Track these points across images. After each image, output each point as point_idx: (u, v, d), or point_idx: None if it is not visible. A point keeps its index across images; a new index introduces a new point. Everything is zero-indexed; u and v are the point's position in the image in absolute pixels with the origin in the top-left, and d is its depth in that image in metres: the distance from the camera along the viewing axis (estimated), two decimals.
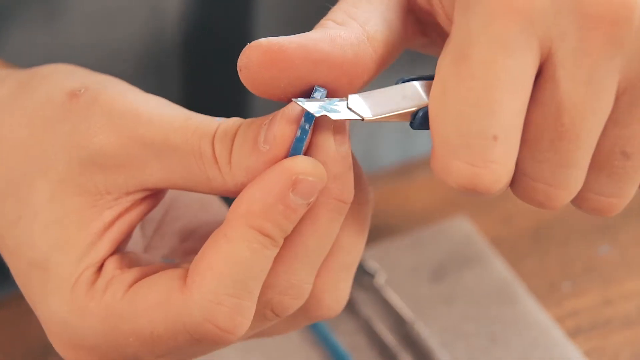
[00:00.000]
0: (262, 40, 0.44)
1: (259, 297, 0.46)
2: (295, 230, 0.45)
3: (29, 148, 0.48)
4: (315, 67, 0.44)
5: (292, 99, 0.44)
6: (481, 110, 0.42)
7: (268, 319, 0.47)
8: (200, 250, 0.45)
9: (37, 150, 0.47)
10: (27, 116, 0.48)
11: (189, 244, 0.52)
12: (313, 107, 0.44)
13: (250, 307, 0.45)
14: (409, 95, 0.45)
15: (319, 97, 0.44)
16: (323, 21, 0.46)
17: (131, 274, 0.47)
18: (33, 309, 0.49)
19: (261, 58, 0.44)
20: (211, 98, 0.71)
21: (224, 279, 0.44)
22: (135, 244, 0.51)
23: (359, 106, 0.44)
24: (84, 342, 0.47)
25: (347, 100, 0.44)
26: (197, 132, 0.46)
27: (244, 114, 0.72)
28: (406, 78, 0.45)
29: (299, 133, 0.44)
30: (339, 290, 0.48)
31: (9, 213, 0.48)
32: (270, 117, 0.45)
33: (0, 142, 0.48)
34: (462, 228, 0.72)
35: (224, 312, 0.44)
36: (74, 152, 0.47)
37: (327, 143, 0.45)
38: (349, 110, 0.44)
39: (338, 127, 0.45)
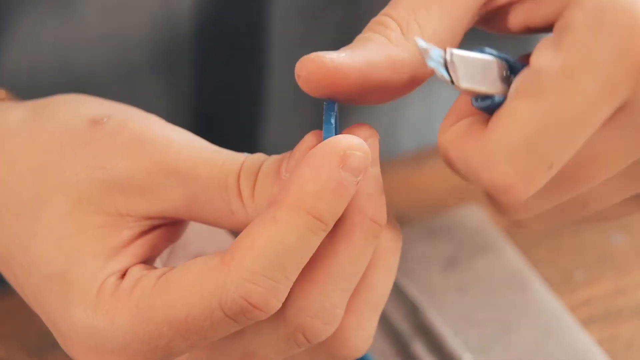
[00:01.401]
0: (326, 58, 0.44)
1: (291, 320, 0.46)
2: (329, 250, 0.45)
3: (45, 169, 0.47)
4: (371, 91, 0.44)
5: None
6: (559, 140, 0.42)
7: (298, 344, 0.46)
8: (244, 230, 0.44)
9: (54, 171, 0.47)
10: (44, 140, 0.48)
11: None
12: None
13: (284, 292, 0.44)
14: (497, 77, 0.43)
15: (333, 112, 0.44)
16: (387, 23, 0.45)
17: (160, 270, 0.46)
18: (50, 324, 0.48)
19: (320, 77, 0.44)
20: (223, 89, 0.71)
21: (265, 260, 0.43)
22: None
23: (458, 70, 0.42)
24: (112, 346, 0.46)
25: (447, 59, 0.42)
26: (224, 165, 0.46)
27: (256, 107, 0.72)
28: (496, 53, 0.44)
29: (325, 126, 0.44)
30: (365, 330, 0.47)
31: (22, 232, 0.47)
32: (293, 150, 0.45)
33: (15, 163, 0.48)
34: (475, 217, 0.72)
35: (259, 292, 0.43)
36: (96, 174, 0.46)
37: None
38: (444, 69, 0.42)
39: (370, 146, 0.45)
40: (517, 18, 0.47)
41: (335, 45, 0.71)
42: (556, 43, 0.42)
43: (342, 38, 0.70)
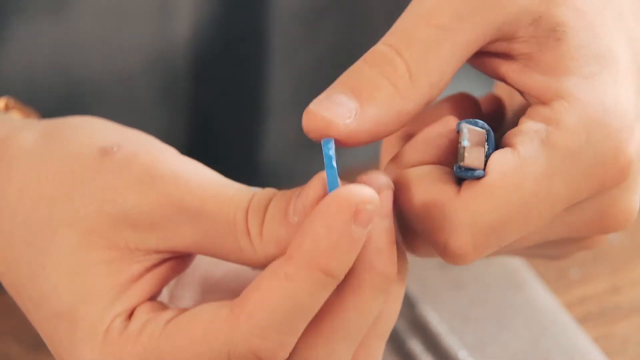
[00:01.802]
0: (340, 125, 0.44)
1: None
2: (337, 304, 0.45)
3: (55, 200, 0.47)
4: (372, 140, 0.45)
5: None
6: (520, 229, 0.44)
7: None
8: (253, 283, 0.44)
9: (64, 202, 0.47)
10: (55, 168, 0.48)
11: (211, 298, 0.51)
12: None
13: (292, 344, 0.45)
14: (483, 150, 0.45)
15: (332, 150, 0.44)
16: (396, 64, 0.45)
17: (167, 313, 0.46)
18: (57, 357, 0.48)
19: (328, 135, 0.44)
20: (221, 94, 0.71)
21: (276, 316, 0.43)
22: (161, 296, 0.50)
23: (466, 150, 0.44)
24: None
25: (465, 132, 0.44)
26: (233, 201, 0.46)
27: (254, 112, 0.72)
28: (486, 126, 0.45)
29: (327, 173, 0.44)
30: (374, 358, 0.48)
31: (32, 262, 0.47)
32: (300, 189, 0.45)
33: (26, 190, 0.48)
34: None
35: (269, 347, 0.44)
36: (106, 207, 0.46)
37: None
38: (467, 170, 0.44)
39: (383, 199, 0.44)
40: (499, 69, 0.47)
41: (333, 51, 0.71)
42: (545, 139, 0.44)
43: (339, 44, 0.70)
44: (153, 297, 0.48)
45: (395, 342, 0.64)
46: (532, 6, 0.46)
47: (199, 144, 0.70)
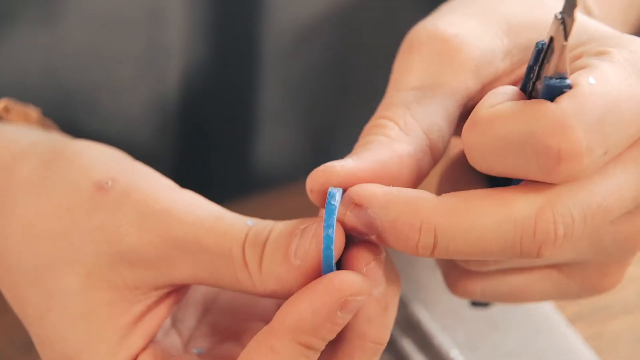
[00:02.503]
0: (335, 167, 0.44)
1: None
2: None
3: (55, 238, 0.48)
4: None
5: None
6: (623, 124, 0.43)
7: None
8: (244, 355, 0.45)
9: (64, 242, 0.48)
10: (53, 204, 0.49)
11: (211, 318, 0.52)
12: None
13: None
14: None
15: (337, 201, 0.44)
16: (384, 124, 0.46)
17: None
18: None
19: (328, 182, 0.44)
20: (213, 102, 0.71)
21: None
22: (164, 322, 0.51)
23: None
24: None
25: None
26: (228, 234, 0.46)
27: (247, 120, 0.72)
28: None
29: (323, 247, 0.44)
30: None
31: (37, 303, 0.48)
32: (302, 227, 0.45)
33: (27, 227, 0.49)
34: None
35: None
36: (102, 247, 0.47)
37: None
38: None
39: (372, 269, 0.45)
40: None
41: (324, 62, 0.71)
42: (617, 57, 0.44)
43: (330, 55, 0.70)
44: (156, 334, 0.49)
45: (388, 341, 0.64)
46: (495, 45, 0.48)
47: (191, 153, 0.70)
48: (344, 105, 0.74)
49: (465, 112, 0.48)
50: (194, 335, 0.51)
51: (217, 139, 0.72)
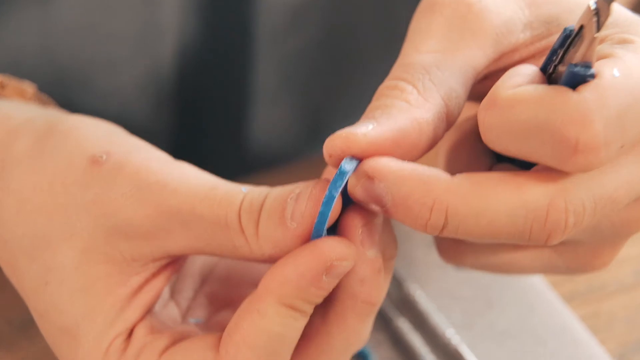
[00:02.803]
0: (357, 134, 0.43)
1: None
2: (323, 330, 0.46)
3: (51, 212, 0.48)
4: (398, 156, 0.44)
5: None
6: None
7: None
8: (232, 321, 0.45)
9: (60, 216, 0.48)
10: (48, 178, 0.49)
11: (208, 288, 0.52)
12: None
13: None
14: None
15: (351, 168, 0.44)
16: (402, 87, 0.45)
17: (162, 340, 0.47)
18: None
19: (353, 154, 0.44)
20: (207, 81, 0.71)
21: (259, 351, 0.45)
22: (163, 291, 0.51)
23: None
24: None
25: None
26: (223, 202, 0.46)
27: (241, 99, 0.71)
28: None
29: (324, 203, 0.44)
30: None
31: (35, 277, 0.48)
32: (297, 190, 0.45)
33: (23, 202, 0.49)
34: None
35: None
36: (99, 220, 0.47)
37: (355, 246, 0.45)
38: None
39: (367, 229, 0.45)
40: None
41: (319, 40, 0.71)
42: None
43: (325, 33, 0.70)
44: (153, 306, 0.49)
45: (383, 320, 0.64)
46: (517, 15, 0.47)
47: (186, 132, 0.70)
48: (338, 85, 0.74)
49: (480, 79, 0.48)
50: (192, 305, 0.52)
51: (211, 117, 0.72)
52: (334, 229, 0.46)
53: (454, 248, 0.52)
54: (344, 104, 0.76)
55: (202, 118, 0.72)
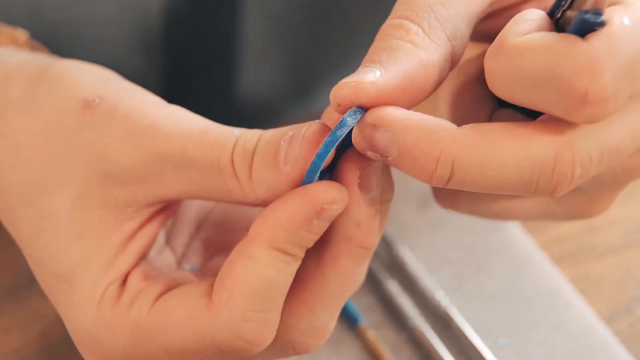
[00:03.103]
0: (366, 84, 0.43)
1: (281, 337, 0.47)
2: (317, 273, 0.46)
3: (45, 158, 0.48)
4: (407, 100, 0.44)
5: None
6: None
7: (288, 354, 0.48)
8: (224, 267, 0.45)
9: (54, 161, 0.48)
10: (42, 124, 0.48)
11: (203, 234, 0.52)
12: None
13: (276, 318, 0.46)
14: None
15: (357, 118, 0.43)
16: (407, 26, 0.44)
17: (156, 287, 0.47)
18: (59, 313, 0.49)
19: (362, 103, 0.43)
20: (196, 35, 0.70)
21: (251, 296, 0.44)
22: (159, 237, 0.51)
23: None
24: (114, 354, 0.47)
25: None
26: (215, 145, 0.46)
27: (230, 52, 0.71)
28: None
29: (321, 149, 0.43)
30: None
31: (30, 224, 0.48)
32: (290, 133, 0.45)
33: (18, 148, 0.49)
34: None
35: (253, 327, 0.45)
36: (92, 166, 0.47)
37: (353, 190, 0.45)
38: None
39: (365, 174, 0.45)
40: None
41: None
42: None
43: None
44: (146, 253, 0.49)
45: (373, 282, 0.64)
46: None
47: (174, 88, 0.70)
48: (326, 41, 0.74)
49: (483, 17, 0.47)
50: (187, 251, 0.52)
51: (200, 73, 0.72)
52: (330, 172, 0.46)
53: (452, 194, 0.52)
54: (332, 61, 0.75)
55: (191, 74, 0.71)
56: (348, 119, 0.43)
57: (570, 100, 0.40)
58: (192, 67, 0.71)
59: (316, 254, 0.47)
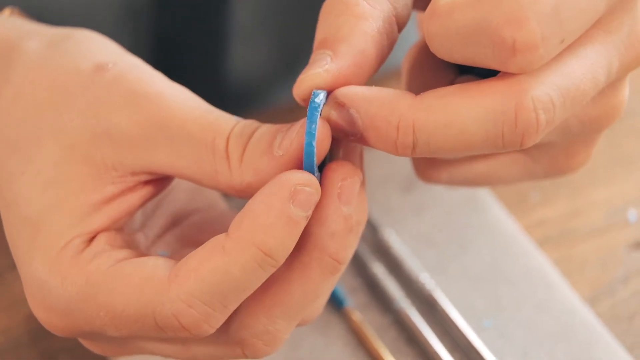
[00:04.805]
0: (325, 75, 0.44)
1: (233, 334, 0.46)
2: (284, 277, 0.46)
3: (45, 109, 0.48)
4: (364, 74, 0.45)
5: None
6: (577, 13, 0.42)
7: (235, 355, 0.47)
8: (196, 250, 0.45)
9: (53, 113, 0.48)
10: (51, 79, 0.48)
11: (179, 230, 0.52)
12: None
13: (220, 319, 0.45)
14: None
15: (320, 99, 0.44)
16: (340, 11, 0.45)
17: (121, 252, 0.47)
18: (16, 262, 0.49)
19: (316, 88, 0.44)
20: (183, 19, 0.70)
21: (206, 287, 0.44)
22: (134, 220, 0.51)
23: None
24: (57, 306, 0.47)
25: None
26: (214, 125, 0.46)
27: (217, 37, 0.71)
28: None
29: (305, 141, 0.44)
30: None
31: (13, 167, 0.48)
32: (289, 126, 0.45)
33: (21, 95, 0.49)
34: None
35: (192, 315, 0.44)
36: (90, 121, 0.47)
37: (331, 199, 0.45)
38: None
39: (347, 186, 0.45)
40: None
41: None
42: None
43: None
44: (120, 224, 0.49)
45: (359, 265, 0.64)
46: None
47: (164, 71, 0.70)
48: (314, 25, 0.73)
49: None
50: (159, 242, 0.51)
51: (188, 56, 0.71)
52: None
53: (429, 165, 0.53)
54: None
55: (179, 56, 0.71)
56: (315, 103, 0.44)
57: (501, 50, 0.41)
58: (180, 50, 0.70)
59: (287, 260, 0.46)
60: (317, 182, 0.44)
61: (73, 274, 0.46)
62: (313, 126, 0.44)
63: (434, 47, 0.43)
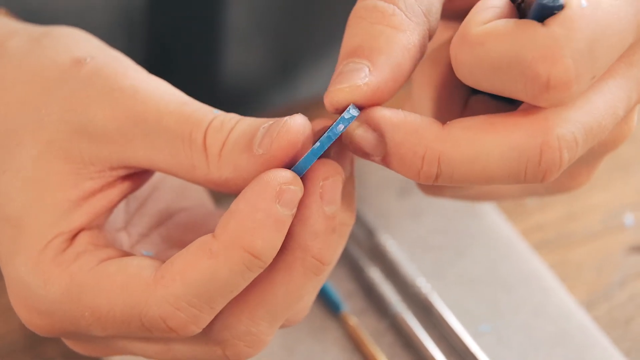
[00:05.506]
0: (364, 88, 0.43)
1: (215, 335, 0.46)
2: (267, 278, 0.45)
3: (24, 105, 0.48)
4: (396, 89, 0.44)
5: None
6: (609, 50, 0.42)
7: (217, 357, 0.47)
8: (182, 251, 0.45)
9: (32, 109, 0.47)
10: (30, 74, 0.48)
11: (164, 230, 0.52)
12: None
13: (206, 320, 0.45)
14: None
15: (353, 115, 0.44)
16: (383, 8, 0.44)
17: (104, 252, 0.47)
18: (0, 265, 0.48)
19: (360, 104, 0.44)
20: (178, 20, 0.70)
21: (193, 290, 0.44)
22: (117, 218, 0.51)
23: None
24: (40, 306, 0.46)
25: None
26: (191, 118, 0.45)
27: (212, 37, 0.71)
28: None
29: (317, 145, 0.44)
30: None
31: None
32: (270, 121, 0.45)
33: (3, 92, 0.48)
34: None
35: (180, 317, 0.44)
36: (67, 116, 0.47)
37: (313, 198, 0.45)
38: None
39: (329, 185, 0.45)
40: None
41: None
42: None
43: None
44: (100, 221, 0.48)
45: (355, 270, 0.64)
46: None
47: (158, 74, 0.70)
48: (311, 27, 0.74)
49: None
50: (143, 241, 0.51)
51: (183, 58, 0.71)
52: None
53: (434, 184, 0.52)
54: (315, 45, 0.76)
55: (174, 58, 0.71)
56: (346, 115, 0.43)
57: (533, 85, 0.41)
58: (176, 52, 0.70)
59: (271, 263, 0.46)
60: (300, 180, 0.44)
61: (56, 274, 0.46)
62: (331, 137, 0.43)
63: (461, 74, 0.43)
